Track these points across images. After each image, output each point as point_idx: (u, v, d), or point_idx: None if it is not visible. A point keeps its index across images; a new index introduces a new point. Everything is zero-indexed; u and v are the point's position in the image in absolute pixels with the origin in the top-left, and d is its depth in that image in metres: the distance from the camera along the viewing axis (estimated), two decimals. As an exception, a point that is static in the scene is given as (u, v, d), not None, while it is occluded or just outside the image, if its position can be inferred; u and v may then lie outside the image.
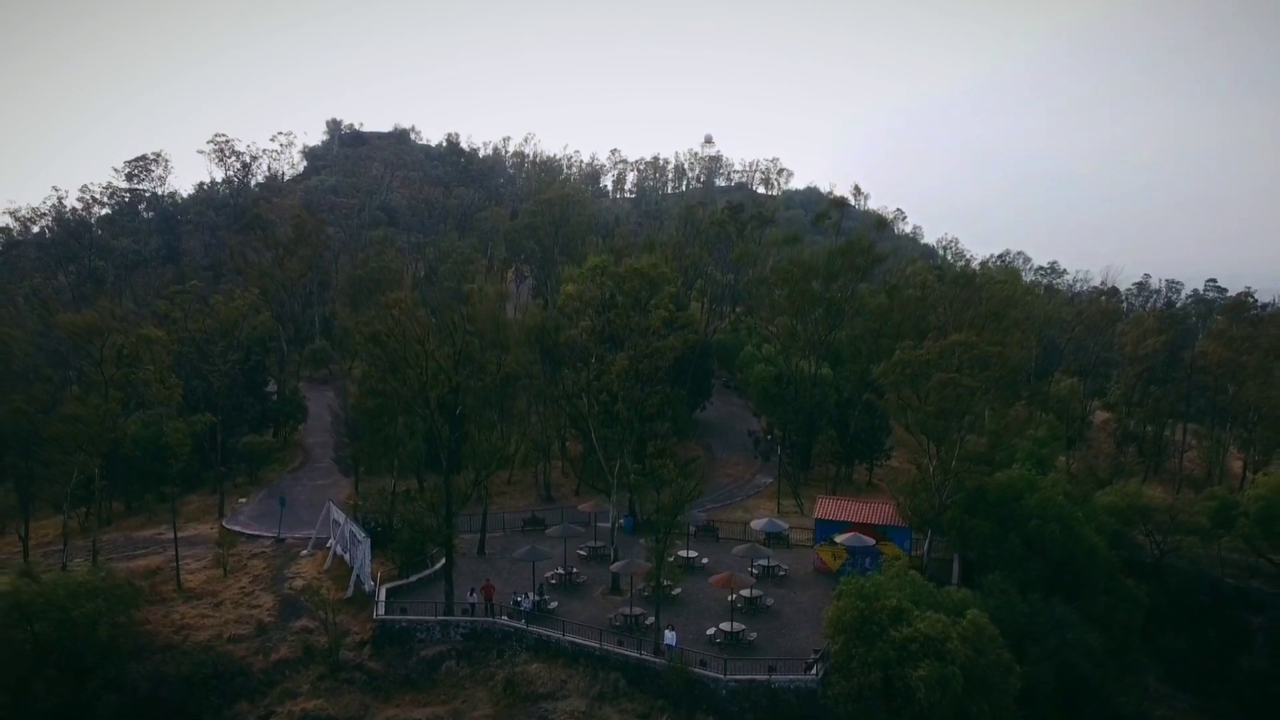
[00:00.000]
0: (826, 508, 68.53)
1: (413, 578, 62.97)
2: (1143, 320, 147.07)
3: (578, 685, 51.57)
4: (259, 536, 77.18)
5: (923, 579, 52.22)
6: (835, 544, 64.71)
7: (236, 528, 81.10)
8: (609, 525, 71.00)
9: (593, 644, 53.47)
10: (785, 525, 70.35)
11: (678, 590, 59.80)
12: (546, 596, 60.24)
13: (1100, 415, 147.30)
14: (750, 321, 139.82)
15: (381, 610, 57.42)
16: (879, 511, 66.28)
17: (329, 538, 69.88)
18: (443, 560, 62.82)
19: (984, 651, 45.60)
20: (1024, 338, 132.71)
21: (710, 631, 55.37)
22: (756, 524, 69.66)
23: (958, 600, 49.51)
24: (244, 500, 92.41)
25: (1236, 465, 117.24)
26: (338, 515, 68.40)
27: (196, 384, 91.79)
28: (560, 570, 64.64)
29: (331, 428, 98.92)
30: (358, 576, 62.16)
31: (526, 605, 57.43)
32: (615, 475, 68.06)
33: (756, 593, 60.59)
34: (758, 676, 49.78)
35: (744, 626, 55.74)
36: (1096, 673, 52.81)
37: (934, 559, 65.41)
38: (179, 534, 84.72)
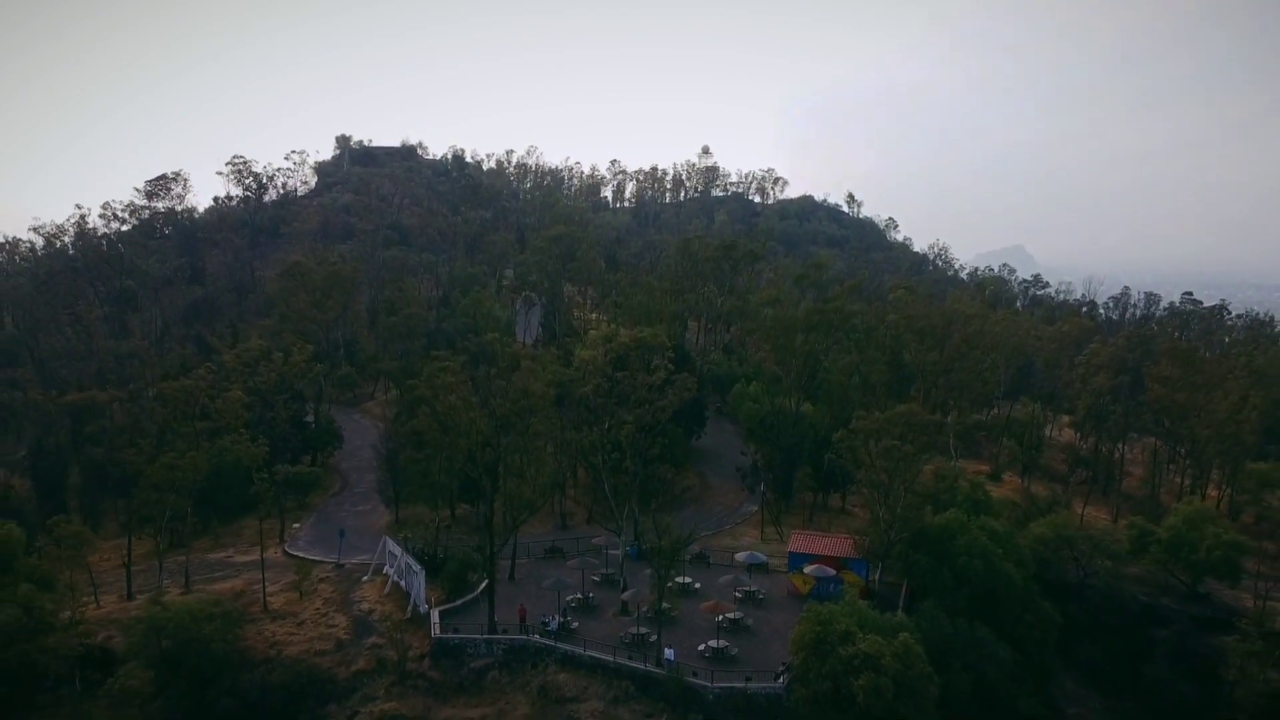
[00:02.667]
0: (798, 542, 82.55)
1: (458, 601, 76.73)
2: (1097, 354, 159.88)
3: (596, 691, 65.50)
4: (320, 561, 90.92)
5: (867, 607, 66.10)
6: (804, 573, 78.59)
7: (299, 553, 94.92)
8: (618, 554, 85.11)
9: (607, 658, 67.33)
10: (765, 556, 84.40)
11: (675, 612, 73.69)
12: (569, 618, 74.06)
13: (1065, 435, 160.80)
14: (742, 353, 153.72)
15: (437, 630, 71.21)
16: (841, 545, 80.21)
17: (385, 565, 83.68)
18: (483, 584, 76.89)
19: (911, 665, 59.37)
20: (993, 365, 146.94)
21: (700, 647, 69.19)
22: (740, 556, 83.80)
23: (894, 624, 63.33)
24: (297, 525, 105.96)
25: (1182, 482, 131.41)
26: (394, 548, 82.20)
27: (255, 423, 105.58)
28: (579, 594, 78.52)
29: (375, 464, 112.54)
30: (414, 601, 75.97)
31: (553, 625, 71.37)
32: (623, 517, 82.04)
33: (739, 615, 74.52)
34: (737, 684, 63.72)
35: (728, 643, 69.65)
36: (1006, 681, 66.67)
37: (886, 584, 79.55)
38: (245, 558, 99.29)
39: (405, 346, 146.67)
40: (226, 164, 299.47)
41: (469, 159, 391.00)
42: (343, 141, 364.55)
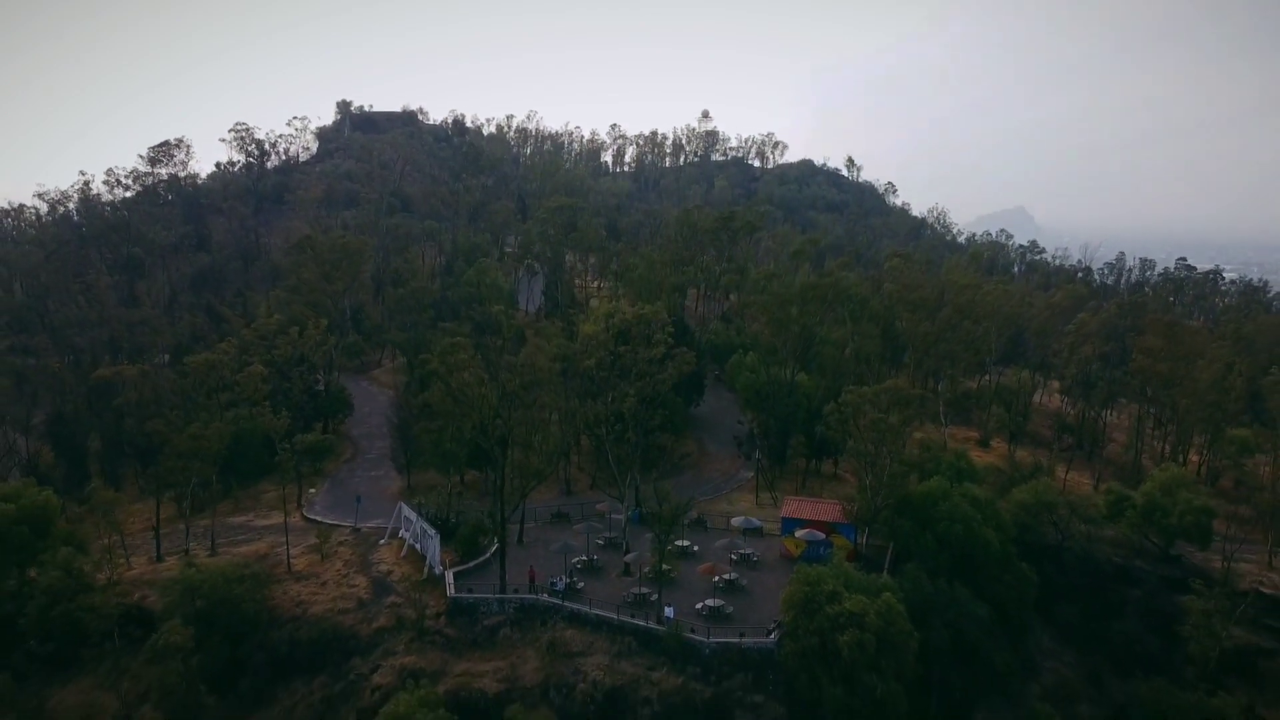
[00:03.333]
0: (790, 507, 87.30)
1: (471, 563, 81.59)
2: (1086, 323, 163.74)
3: (601, 646, 70.52)
4: (338, 525, 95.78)
5: (854, 569, 70.87)
6: (796, 537, 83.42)
7: (317, 517, 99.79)
8: (621, 519, 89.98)
9: (612, 616, 72.24)
10: (760, 521, 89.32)
11: (674, 574, 78.62)
12: (575, 579, 78.95)
13: (1055, 401, 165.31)
14: (740, 323, 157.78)
15: (452, 590, 76.10)
16: (830, 511, 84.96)
17: (401, 529, 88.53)
18: (494, 548, 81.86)
19: (892, 623, 64.17)
20: (985, 334, 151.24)
21: (698, 606, 74.09)
22: (736, 520, 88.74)
23: (878, 585, 68.08)
24: (313, 491, 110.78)
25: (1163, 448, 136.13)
26: (409, 514, 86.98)
27: (273, 394, 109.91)
28: (584, 557, 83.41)
29: (386, 431, 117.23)
30: (430, 563, 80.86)
31: (560, 586, 76.32)
32: (626, 483, 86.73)
33: (734, 576, 79.42)
34: (732, 640, 68.71)
35: (723, 602, 74.55)
36: (983, 638, 71.50)
37: (873, 547, 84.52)
38: (265, 522, 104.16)
39: (413, 319, 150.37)
40: (230, 131, 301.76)
41: (469, 124, 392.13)
42: (343, 107, 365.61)
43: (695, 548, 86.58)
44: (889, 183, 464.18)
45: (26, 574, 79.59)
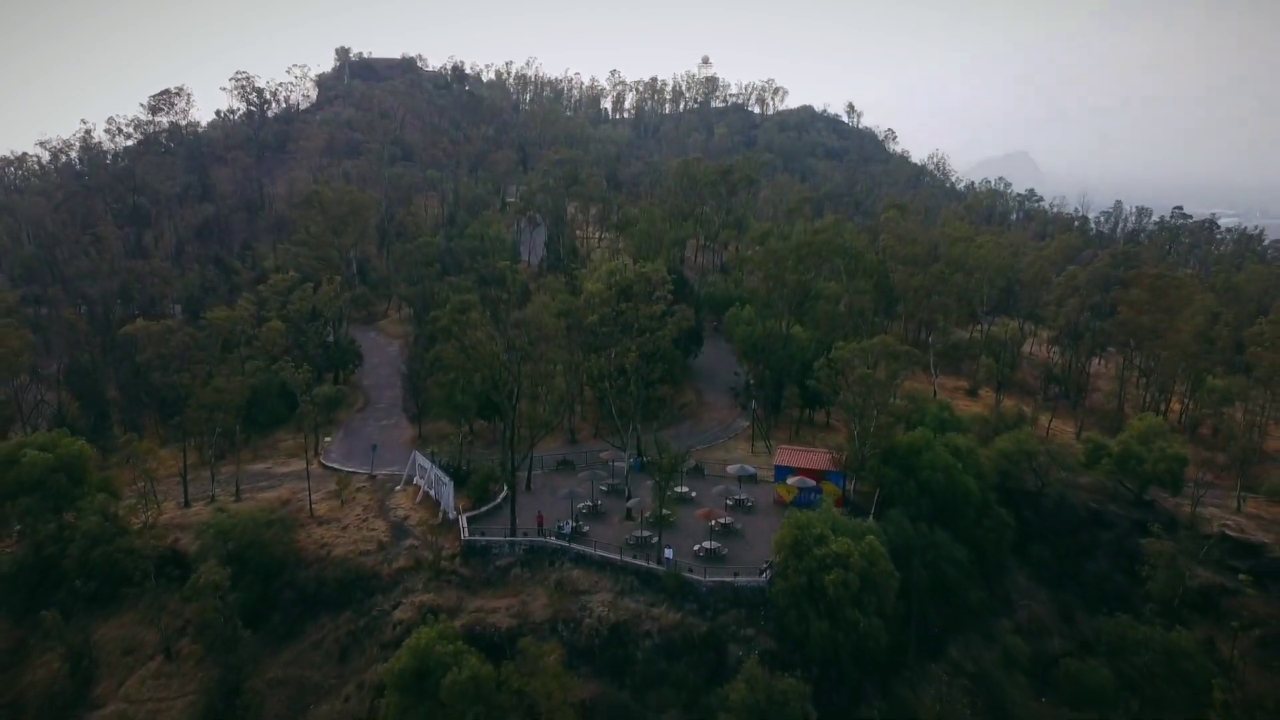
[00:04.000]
0: (783, 456, 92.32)
1: (483, 509, 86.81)
2: (1075, 276, 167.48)
3: (605, 585, 75.96)
4: (354, 473, 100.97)
5: (841, 514, 76.05)
6: (788, 484, 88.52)
7: (334, 465, 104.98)
8: (623, 466, 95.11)
9: (615, 557, 77.58)
10: (754, 469, 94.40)
11: (674, 518, 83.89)
12: (581, 523, 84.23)
13: (1045, 350, 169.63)
14: (738, 274, 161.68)
15: (466, 533, 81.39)
16: (821, 459, 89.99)
17: (415, 476, 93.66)
18: (504, 494, 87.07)
19: (875, 564, 69.39)
20: (977, 285, 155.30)
21: (696, 548, 79.43)
22: (732, 468, 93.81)
23: (862, 529, 73.20)
24: (328, 439, 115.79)
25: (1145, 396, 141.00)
26: (423, 462, 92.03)
27: (289, 347, 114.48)
28: (589, 503, 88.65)
29: (394, 381, 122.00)
30: (444, 508, 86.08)
31: (567, 529, 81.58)
32: (627, 433, 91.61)
33: (729, 520, 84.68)
34: (726, 579, 74.10)
35: (719, 544, 79.91)
36: (960, 577, 76.92)
37: (860, 493, 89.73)
38: (283, 469, 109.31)
39: (420, 272, 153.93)
40: (230, 80, 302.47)
41: (468, 71, 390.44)
42: (342, 54, 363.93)
43: (693, 494, 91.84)
44: (889, 129, 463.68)
45: (64, 519, 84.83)
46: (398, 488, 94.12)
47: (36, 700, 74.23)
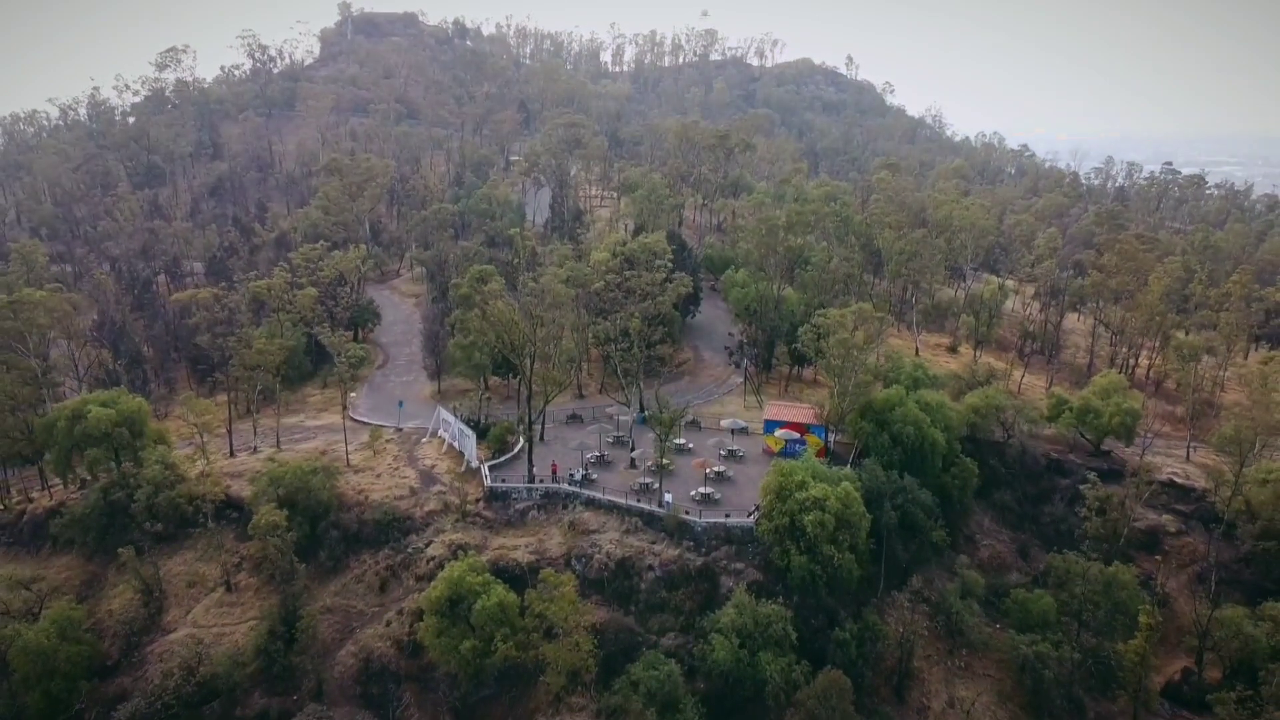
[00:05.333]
0: (772, 410, 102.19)
1: (502, 458, 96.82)
2: (1053, 239, 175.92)
3: (613, 525, 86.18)
4: (382, 426, 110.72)
5: (821, 463, 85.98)
6: (776, 436, 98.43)
7: (362, 419, 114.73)
8: (627, 420, 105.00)
9: (621, 501, 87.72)
10: (746, 423, 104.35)
11: (673, 467, 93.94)
12: (589, 471, 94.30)
13: (1028, 307, 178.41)
14: (734, 234, 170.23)
15: (488, 480, 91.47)
16: (805, 414, 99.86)
17: (439, 429, 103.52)
18: (520, 445, 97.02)
19: (849, 506, 79.36)
20: (962, 246, 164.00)
21: (692, 493, 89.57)
22: (725, 422, 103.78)
23: (839, 476, 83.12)
24: (354, 395, 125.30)
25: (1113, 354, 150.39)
26: (447, 416, 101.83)
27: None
28: (597, 453, 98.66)
29: (409, 339, 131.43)
30: (468, 458, 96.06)
31: (578, 476, 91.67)
32: (631, 390, 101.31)
33: (722, 469, 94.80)
34: (719, 520, 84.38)
35: (713, 490, 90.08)
36: (924, 518, 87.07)
37: (840, 444, 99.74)
38: (315, 422, 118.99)
39: (434, 237, 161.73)
40: (237, 38, 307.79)
41: (468, 25, 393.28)
42: (344, 9, 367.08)
43: (690, 445, 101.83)
44: (886, 81, 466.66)
45: (125, 468, 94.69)
46: (424, 439, 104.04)
47: (114, 625, 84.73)
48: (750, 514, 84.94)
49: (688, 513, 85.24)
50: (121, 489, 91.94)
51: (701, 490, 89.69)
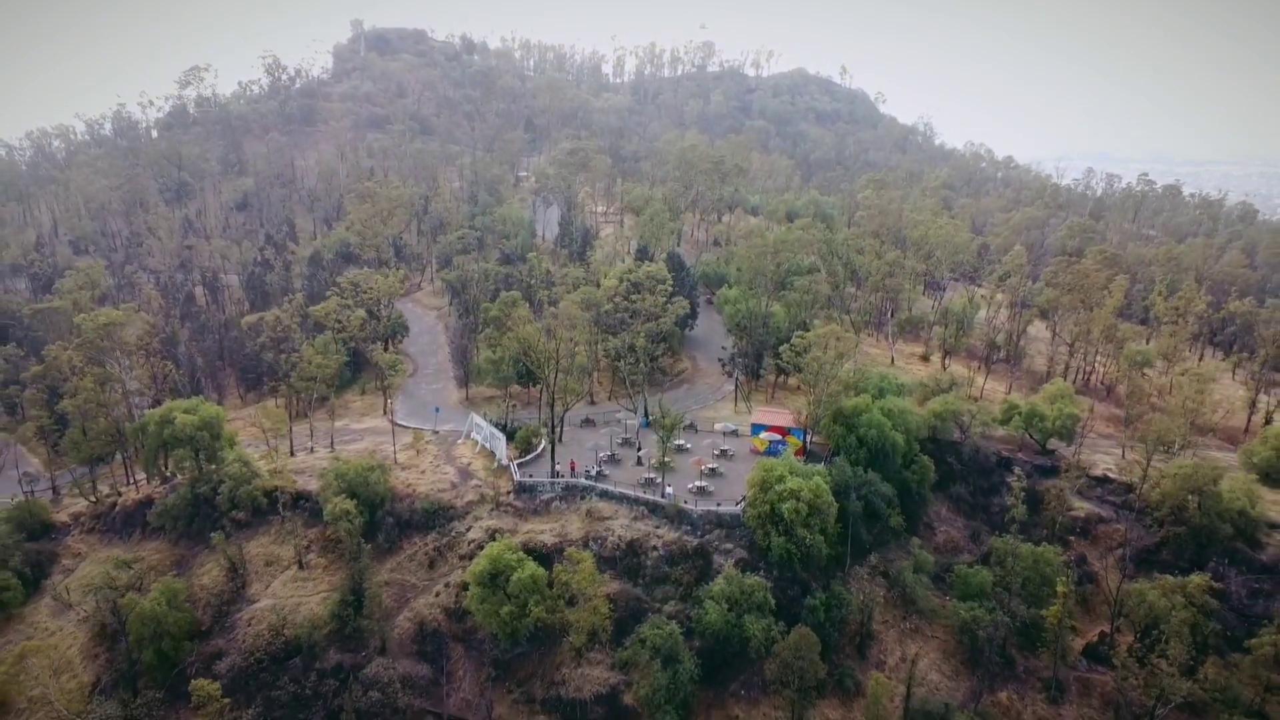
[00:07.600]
0: (759, 415, 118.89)
1: (528, 457, 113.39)
2: (1019, 255, 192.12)
3: (623, 513, 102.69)
4: (420, 429, 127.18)
5: (799, 461, 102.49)
6: (762, 438, 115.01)
7: (401, 422, 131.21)
8: (634, 423, 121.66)
9: (629, 493, 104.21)
10: (736, 426, 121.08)
11: (673, 464, 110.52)
12: (602, 467, 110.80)
13: (1002, 315, 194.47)
14: (729, 251, 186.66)
15: (517, 476, 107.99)
16: (788, 418, 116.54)
17: (472, 432, 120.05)
18: (543, 445, 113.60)
19: (819, 496, 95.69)
20: (938, 263, 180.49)
21: (690, 486, 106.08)
22: (719, 425, 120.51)
23: (812, 472, 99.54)
24: (390, 401, 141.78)
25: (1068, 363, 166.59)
26: (479, 421, 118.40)
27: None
28: (608, 452, 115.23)
29: (435, 349, 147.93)
30: (499, 457, 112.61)
31: (593, 472, 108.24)
32: (637, 398, 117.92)
33: (716, 466, 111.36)
34: (713, 508, 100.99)
35: (707, 484, 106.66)
36: (884, 507, 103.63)
37: (817, 445, 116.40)
38: (359, 425, 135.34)
39: (457, 260, 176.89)
40: (259, 57, 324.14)
41: (474, 40, 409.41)
42: (357, 25, 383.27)
43: (688, 445, 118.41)
44: (879, 92, 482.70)
45: (207, 466, 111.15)
46: (458, 441, 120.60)
47: (206, 598, 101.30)
48: (738, 503, 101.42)
49: (686, 502, 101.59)
50: (206, 484, 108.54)
51: (698, 484, 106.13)
